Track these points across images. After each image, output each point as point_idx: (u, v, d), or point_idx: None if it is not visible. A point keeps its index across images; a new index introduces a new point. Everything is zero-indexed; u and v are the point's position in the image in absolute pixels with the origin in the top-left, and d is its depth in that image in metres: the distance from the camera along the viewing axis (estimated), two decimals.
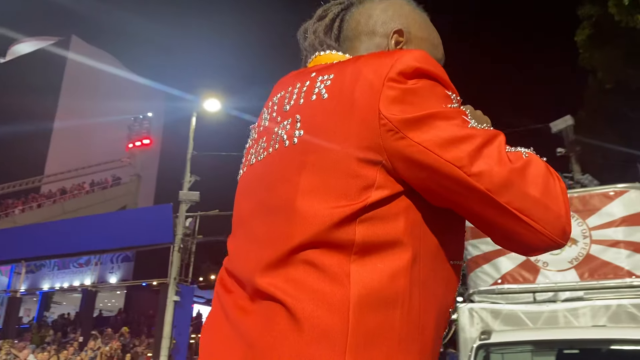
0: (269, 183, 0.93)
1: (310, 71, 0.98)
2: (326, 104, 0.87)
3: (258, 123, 1.09)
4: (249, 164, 1.04)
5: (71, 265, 20.26)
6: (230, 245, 1.04)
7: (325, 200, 0.82)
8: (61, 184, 30.33)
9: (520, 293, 5.44)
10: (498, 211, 0.82)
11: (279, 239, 0.84)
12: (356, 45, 1.08)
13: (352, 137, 0.83)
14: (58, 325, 20.07)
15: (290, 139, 0.90)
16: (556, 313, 5.16)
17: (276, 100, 1.03)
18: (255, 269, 0.86)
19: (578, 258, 5.44)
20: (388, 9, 1.10)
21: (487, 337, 4.69)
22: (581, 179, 7.81)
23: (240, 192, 1.05)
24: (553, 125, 11.29)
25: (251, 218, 0.95)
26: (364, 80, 0.84)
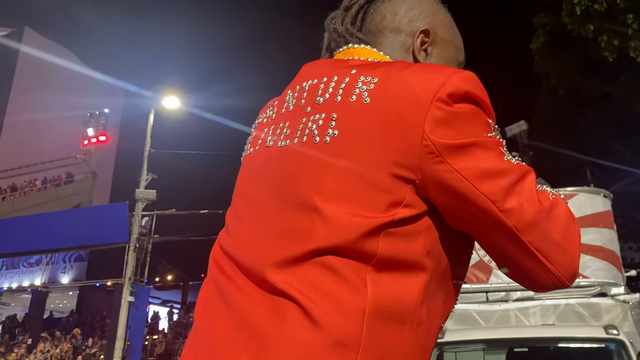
0: (292, 175, 0.89)
1: (349, 65, 0.95)
2: (367, 109, 0.85)
3: (280, 101, 1.04)
4: (265, 145, 1.00)
5: (21, 264, 19.59)
6: (231, 222, 1.01)
7: (353, 208, 0.81)
8: (11, 180, 29.27)
9: (474, 293, 5.56)
10: (518, 248, 0.84)
11: (298, 236, 0.83)
12: (380, 40, 1.06)
13: (391, 151, 0.82)
14: (6, 327, 19.38)
15: (322, 137, 0.87)
16: (508, 312, 5.30)
17: (306, 86, 0.98)
18: (267, 262, 0.83)
19: None
20: (415, 7, 1.08)
21: (441, 336, 4.77)
22: None
23: (252, 170, 1.01)
24: (508, 129, 11.54)
25: (265, 204, 0.92)
26: (412, 94, 0.83)
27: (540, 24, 15.51)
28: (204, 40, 71.92)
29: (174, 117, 16.52)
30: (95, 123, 26.82)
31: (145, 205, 14.77)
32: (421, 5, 1.09)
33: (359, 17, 1.09)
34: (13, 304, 24.14)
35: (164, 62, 60.74)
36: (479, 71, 0.95)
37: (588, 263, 5.37)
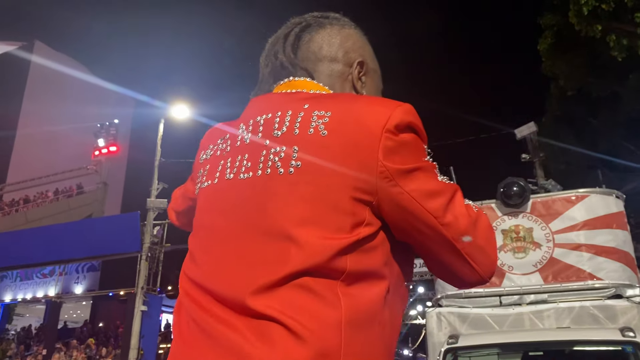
0: (260, 206, 0.95)
1: (300, 99, 1.04)
2: (326, 141, 0.94)
3: (232, 135, 1.08)
4: (225, 178, 1.04)
5: (34, 275, 19.74)
6: (198, 252, 1.04)
7: (323, 232, 0.90)
8: (24, 192, 29.51)
9: (487, 297, 5.52)
10: (452, 253, 0.99)
11: (274, 263, 0.90)
12: (319, 69, 1.15)
13: (350, 177, 0.92)
14: (21, 338, 19.49)
15: (286, 168, 0.95)
16: (522, 316, 5.25)
17: (261, 120, 1.04)
18: (247, 290, 0.89)
19: (542, 261, 5.55)
20: (348, 39, 1.19)
21: (455, 340, 4.75)
22: (545, 184, 7.94)
23: (214, 203, 1.04)
24: (518, 131, 11.53)
25: (235, 235, 0.97)
26: (365, 126, 0.94)
27: (547, 25, 15.44)
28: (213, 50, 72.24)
29: (184, 127, 16.61)
30: (105, 134, 26.95)
31: (156, 214, 14.84)
32: (353, 37, 1.20)
33: (295, 44, 1.17)
34: (28, 314, 24.29)
35: (174, 72, 61.11)
36: (486, 75, 1.01)
37: (602, 265, 5.32)
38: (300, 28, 1.18)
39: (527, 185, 5.90)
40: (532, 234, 5.69)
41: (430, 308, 5.84)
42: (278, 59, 1.16)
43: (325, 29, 1.18)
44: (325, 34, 1.17)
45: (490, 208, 5.90)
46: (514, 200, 5.77)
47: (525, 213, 5.80)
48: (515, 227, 5.77)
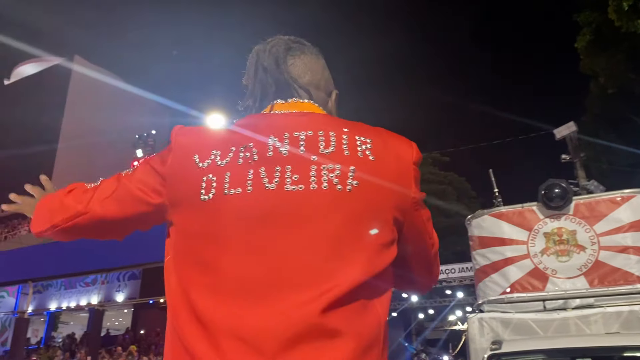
0: (322, 219, 0.99)
1: (336, 122, 1.12)
2: (375, 165, 1.05)
3: (258, 145, 1.06)
4: (264, 187, 1.01)
5: (78, 284, 20.23)
6: (233, 268, 0.98)
7: (377, 248, 1.01)
8: None
9: (530, 302, 5.39)
10: (428, 266, 1.23)
11: (333, 277, 0.95)
12: (313, 93, 1.22)
13: (394, 199, 1.05)
14: (66, 345, 20.00)
15: (344, 185, 1.01)
16: (567, 321, 5.11)
17: (301, 136, 1.06)
18: (316, 307, 0.92)
19: (587, 265, 5.39)
20: (325, 68, 1.27)
21: (498, 347, 4.65)
22: (587, 185, 7.73)
23: (255, 213, 1.00)
24: (557, 132, 11.23)
25: (295, 247, 0.97)
26: (401, 158, 1.09)
27: (584, 21, 15.09)
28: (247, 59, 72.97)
29: None
30: (143, 144, 27.55)
31: None
32: (326, 68, 1.27)
33: (283, 65, 1.20)
34: (72, 322, 24.92)
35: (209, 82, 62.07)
36: (523, 75, 1.03)
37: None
38: (284, 49, 1.21)
39: (569, 187, 5.74)
40: (576, 237, 5.54)
41: (472, 313, 5.73)
42: (272, 76, 1.19)
43: (307, 55, 1.23)
44: (309, 60, 1.22)
45: (532, 211, 5.77)
46: (555, 203, 5.63)
47: (567, 215, 5.65)
48: (557, 229, 5.62)
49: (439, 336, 27.44)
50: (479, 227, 5.97)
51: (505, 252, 5.69)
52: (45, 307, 20.99)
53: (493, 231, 5.84)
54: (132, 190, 1.14)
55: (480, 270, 5.88)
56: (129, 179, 1.16)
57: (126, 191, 1.15)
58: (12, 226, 28.85)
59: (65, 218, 1.21)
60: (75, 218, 1.20)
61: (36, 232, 1.31)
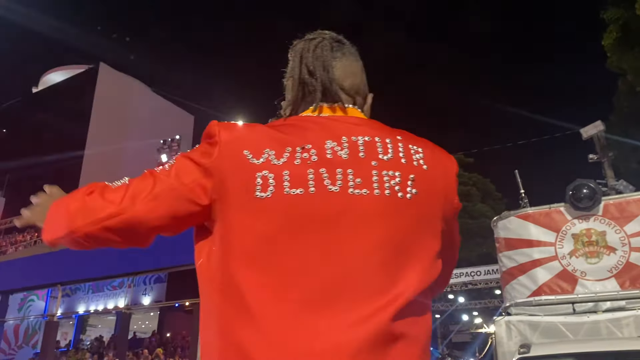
0: (389, 225, 0.99)
1: (389, 129, 1.12)
2: (429, 174, 1.06)
3: (316, 146, 1.02)
4: (327, 189, 0.98)
5: (105, 288, 20.53)
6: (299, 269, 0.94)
7: (434, 255, 1.04)
8: None
9: (559, 304, 5.30)
10: (449, 274, 1.24)
11: (402, 285, 0.96)
12: (353, 99, 1.20)
13: (443, 209, 1.08)
14: (94, 348, 20.30)
15: (404, 193, 1.02)
16: (598, 324, 5.01)
17: (359, 140, 1.05)
18: (382, 314, 0.92)
19: (618, 266, 5.28)
20: (363, 71, 1.24)
21: (527, 350, 4.57)
22: (615, 185, 7.58)
23: (319, 215, 0.97)
24: (583, 131, 11.02)
25: (362, 251, 0.96)
26: (448, 169, 1.13)
27: (611, 19, 14.81)
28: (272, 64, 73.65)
29: None
30: (168, 149, 27.94)
31: None
32: (363, 70, 1.24)
33: (326, 67, 1.17)
34: (100, 325, 25.29)
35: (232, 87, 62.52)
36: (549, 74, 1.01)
37: None
38: (329, 51, 1.18)
39: (598, 187, 5.64)
40: (606, 238, 5.43)
41: (499, 316, 5.66)
42: (317, 80, 1.15)
43: (347, 58, 1.20)
44: (348, 63, 1.20)
45: (559, 212, 5.67)
46: (584, 203, 5.53)
47: (596, 216, 5.54)
48: (586, 231, 5.52)
49: (464, 339, 27.14)
50: (505, 228, 5.89)
51: (532, 253, 5.61)
52: (73, 310, 21.35)
53: (520, 233, 5.76)
54: (174, 186, 1.04)
55: (507, 273, 5.80)
56: (168, 175, 1.05)
57: (166, 188, 1.04)
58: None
59: (91, 221, 1.07)
60: (105, 221, 1.06)
61: (49, 239, 1.17)
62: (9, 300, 19.69)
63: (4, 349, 21.06)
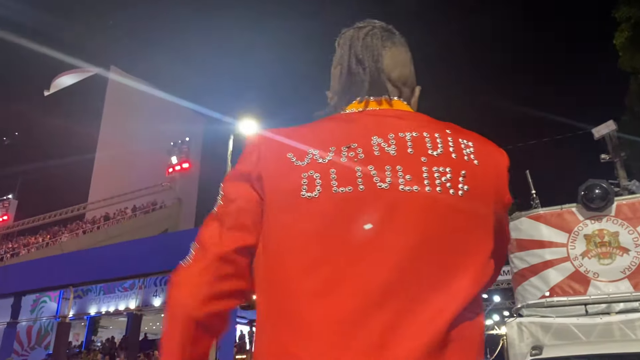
0: (442, 224, 0.95)
1: (438, 123, 1.07)
2: (481, 170, 1.01)
3: (362, 144, 1.00)
4: (376, 187, 0.95)
5: (116, 289, 20.64)
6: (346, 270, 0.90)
7: (484, 259, 0.98)
8: (104, 210, 31.11)
9: (571, 306, 5.26)
10: (499, 268, 1.14)
11: (458, 287, 0.92)
12: (400, 91, 1.16)
13: (493, 208, 1.02)
14: (106, 349, 20.43)
15: (456, 190, 0.97)
16: (611, 325, 4.96)
17: (407, 136, 1.01)
18: (440, 320, 0.88)
19: (631, 267, 5.23)
20: (411, 62, 1.19)
21: (539, 352, 4.54)
22: (628, 186, 7.53)
23: (370, 214, 0.93)
24: (595, 131, 10.93)
25: (419, 251, 0.91)
26: (499, 164, 1.07)
27: (623, 17, 14.70)
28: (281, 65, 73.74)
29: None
30: (178, 151, 28.05)
31: None
32: (412, 61, 1.20)
33: (375, 57, 1.12)
34: (111, 327, 25.44)
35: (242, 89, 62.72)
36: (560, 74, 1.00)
37: None
38: (379, 40, 1.14)
39: (611, 188, 5.59)
40: (619, 239, 5.38)
41: (510, 318, 5.62)
42: (366, 70, 1.11)
43: (397, 48, 1.16)
44: (397, 53, 1.16)
45: (571, 212, 5.63)
46: (596, 204, 5.48)
47: (609, 216, 5.49)
48: (599, 231, 5.48)
49: None
50: (517, 229, 5.85)
51: (544, 254, 5.57)
52: (85, 311, 21.49)
53: (531, 234, 5.72)
54: (235, 204, 1.05)
55: (518, 274, 5.76)
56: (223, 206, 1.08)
57: (240, 205, 1.04)
58: (53, 233, 29.67)
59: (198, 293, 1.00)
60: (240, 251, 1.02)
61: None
62: (22, 301, 19.86)
63: (17, 350, 21.23)
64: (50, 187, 36.18)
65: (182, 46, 68.25)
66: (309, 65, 72.02)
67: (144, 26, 62.05)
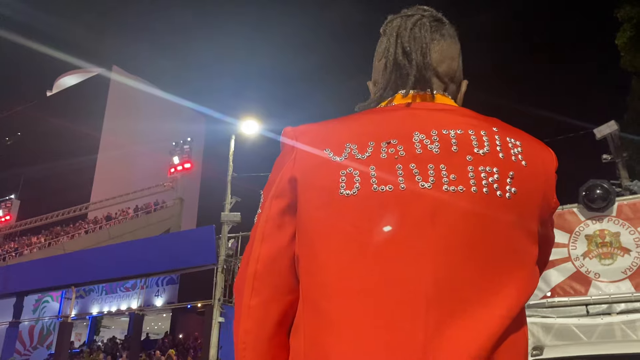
0: (487, 227, 0.89)
1: (486, 120, 1.01)
2: (529, 172, 0.96)
3: (403, 141, 0.95)
4: (418, 186, 0.90)
5: (118, 289, 20.70)
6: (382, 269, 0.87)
7: (534, 263, 0.95)
8: (106, 210, 31.15)
9: (572, 306, 5.26)
10: (545, 264, 1.09)
11: (505, 296, 0.88)
12: (445, 86, 1.10)
13: (540, 210, 0.97)
14: (108, 348, 20.46)
15: (504, 192, 0.91)
16: (612, 326, 4.96)
17: (451, 133, 0.96)
18: (484, 330, 0.84)
19: (632, 268, 5.22)
20: (459, 56, 1.12)
21: (540, 352, 4.54)
22: (630, 186, 7.51)
23: (412, 215, 0.89)
24: (597, 131, 10.92)
25: (455, 259, 0.87)
26: (547, 165, 1.01)
27: (625, 17, 14.68)
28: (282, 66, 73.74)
29: (254, 142, 16.98)
30: (180, 151, 28.07)
31: (230, 227, 15.19)
32: (460, 54, 1.13)
33: (423, 49, 1.05)
34: (113, 326, 25.50)
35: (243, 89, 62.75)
36: (561, 73, 0.98)
37: None
38: (428, 31, 1.07)
39: (612, 188, 5.59)
40: (620, 239, 5.38)
41: None
42: (412, 63, 1.04)
43: (446, 40, 1.09)
44: (446, 45, 1.08)
45: (572, 213, 5.63)
46: (597, 204, 5.48)
47: (610, 217, 5.49)
48: (600, 232, 5.47)
49: None
50: None
51: None
52: (87, 311, 21.56)
53: None
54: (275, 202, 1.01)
55: None
56: (263, 215, 1.03)
57: (279, 203, 1.01)
58: (55, 233, 29.71)
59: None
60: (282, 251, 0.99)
61: None
62: (24, 301, 19.91)
63: (19, 350, 21.29)
64: (53, 187, 36.23)
65: (185, 47, 68.34)
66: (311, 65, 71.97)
67: (146, 27, 62.23)
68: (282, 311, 0.96)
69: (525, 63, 64.21)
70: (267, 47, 73.14)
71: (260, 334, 0.94)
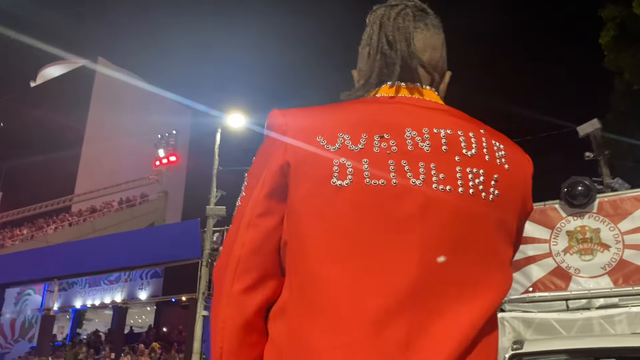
0: (470, 228, 0.92)
1: (472, 121, 1.03)
2: (510, 175, 0.99)
3: (395, 136, 0.95)
4: (409, 182, 0.91)
5: (102, 282, 20.53)
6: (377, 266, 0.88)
7: (509, 264, 0.99)
8: (91, 202, 30.89)
9: (553, 301, 5.34)
10: None
11: (485, 292, 0.91)
12: (430, 77, 1.09)
13: (517, 215, 1.01)
14: (91, 342, 20.33)
15: (488, 194, 0.94)
16: (591, 320, 5.05)
17: (442, 133, 0.97)
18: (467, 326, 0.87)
19: (611, 264, 5.32)
20: (444, 46, 1.13)
21: (520, 346, 4.60)
22: (611, 183, 7.62)
23: (403, 210, 0.90)
24: (580, 129, 11.07)
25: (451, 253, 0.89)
26: (526, 169, 1.05)
27: (608, 17, 14.83)
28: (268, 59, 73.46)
29: (240, 135, 16.92)
30: (165, 144, 27.89)
31: (215, 221, 15.15)
32: (445, 44, 1.13)
33: (407, 40, 1.05)
34: (96, 319, 25.32)
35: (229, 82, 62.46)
36: (544, 71, 1.01)
37: None
38: (412, 21, 1.07)
39: (593, 185, 5.67)
40: (600, 235, 5.47)
41: None
42: (397, 53, 1.04)
43: (429, 30, 1.09)
44: (429, 35, 1.08)
45: (554, 209, 5.71)
46: (579, 201, 5.56)
47: (591, 213, 5.58)
48: (581, 228, 5.56)
49: None
50: None
51: (526, 250, 5.65)
52: (70, 304, 21.36)
53: None
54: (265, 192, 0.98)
55: None
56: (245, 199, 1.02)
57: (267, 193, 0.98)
58: (39, 225, 29.41)
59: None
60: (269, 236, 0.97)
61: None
62: (5, 294, 19.70)
63: (0, 343, 21.07)
64: (36, 179, 35.83)
65: (170, 39, 67.89)
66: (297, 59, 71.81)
67: (131, 18, 61.60)
68: (264, 298, 0.94)
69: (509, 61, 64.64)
70: (253, 40, 72.83)
71: (240, 320, 0.92)
